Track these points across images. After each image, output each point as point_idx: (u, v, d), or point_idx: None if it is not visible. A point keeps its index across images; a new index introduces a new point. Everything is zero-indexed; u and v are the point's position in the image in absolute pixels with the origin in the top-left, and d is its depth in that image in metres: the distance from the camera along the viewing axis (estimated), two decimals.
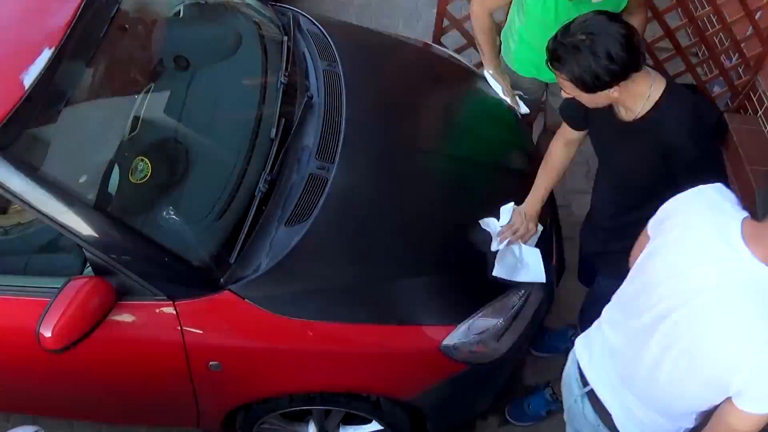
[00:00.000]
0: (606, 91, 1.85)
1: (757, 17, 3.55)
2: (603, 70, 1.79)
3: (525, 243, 2.39)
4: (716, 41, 3.93)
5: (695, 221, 1.60)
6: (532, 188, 2.43)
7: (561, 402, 2.09)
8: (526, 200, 2.42)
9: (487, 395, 2.51)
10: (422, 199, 2.42)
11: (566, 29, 1.84)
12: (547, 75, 2.24)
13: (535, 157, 2.64)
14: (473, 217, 2.44)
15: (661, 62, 3.77)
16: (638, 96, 1.91)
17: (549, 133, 2.83)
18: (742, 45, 3.71)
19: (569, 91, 1.90)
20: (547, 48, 1.88)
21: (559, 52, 1.83)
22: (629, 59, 1.79)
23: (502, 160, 2.76)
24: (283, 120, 2.38)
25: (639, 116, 1.94)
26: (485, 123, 2.80)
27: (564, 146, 2.35)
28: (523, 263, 2.35)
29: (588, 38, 1.78)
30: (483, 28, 2.75)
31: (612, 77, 1.80)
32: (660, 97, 1.90)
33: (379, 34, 3.23)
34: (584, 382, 1.86)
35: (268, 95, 2.49)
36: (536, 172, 2.46)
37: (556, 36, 1.85)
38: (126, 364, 2.17)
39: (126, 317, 2.06)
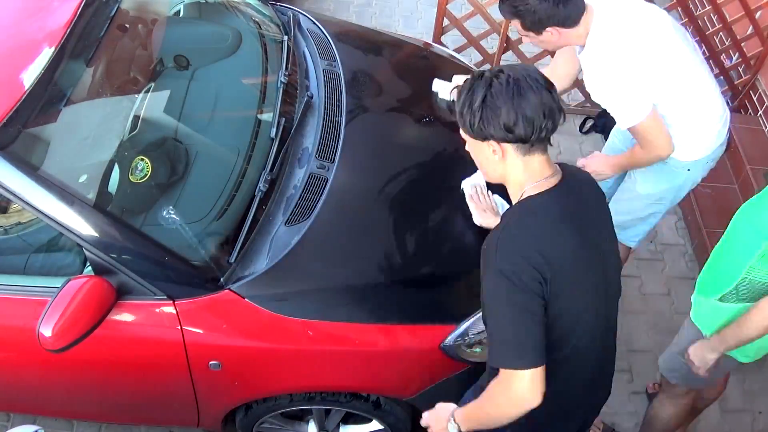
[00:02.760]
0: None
1: (757, 17, 3.56)
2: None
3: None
4: (716, 41, 3.93)
5: None
6: None
7: None
8: None
9: None
10: (423, 198, 2.42)
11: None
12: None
13: None
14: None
15: None
16: (509, 182, 1.61)
17: None
18: (742, 44, 3.72)
19: None
20: None
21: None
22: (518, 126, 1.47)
23: None
24: (283, 119, 2.38)
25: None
26: None
27: None
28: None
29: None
30: None
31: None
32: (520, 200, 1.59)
33: (379, 34, 3.23)
34: None
35: (268, 95, 2.49)
36: None
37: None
38: (126, 363, 2.17)
39: (126, 317, 2.05)
